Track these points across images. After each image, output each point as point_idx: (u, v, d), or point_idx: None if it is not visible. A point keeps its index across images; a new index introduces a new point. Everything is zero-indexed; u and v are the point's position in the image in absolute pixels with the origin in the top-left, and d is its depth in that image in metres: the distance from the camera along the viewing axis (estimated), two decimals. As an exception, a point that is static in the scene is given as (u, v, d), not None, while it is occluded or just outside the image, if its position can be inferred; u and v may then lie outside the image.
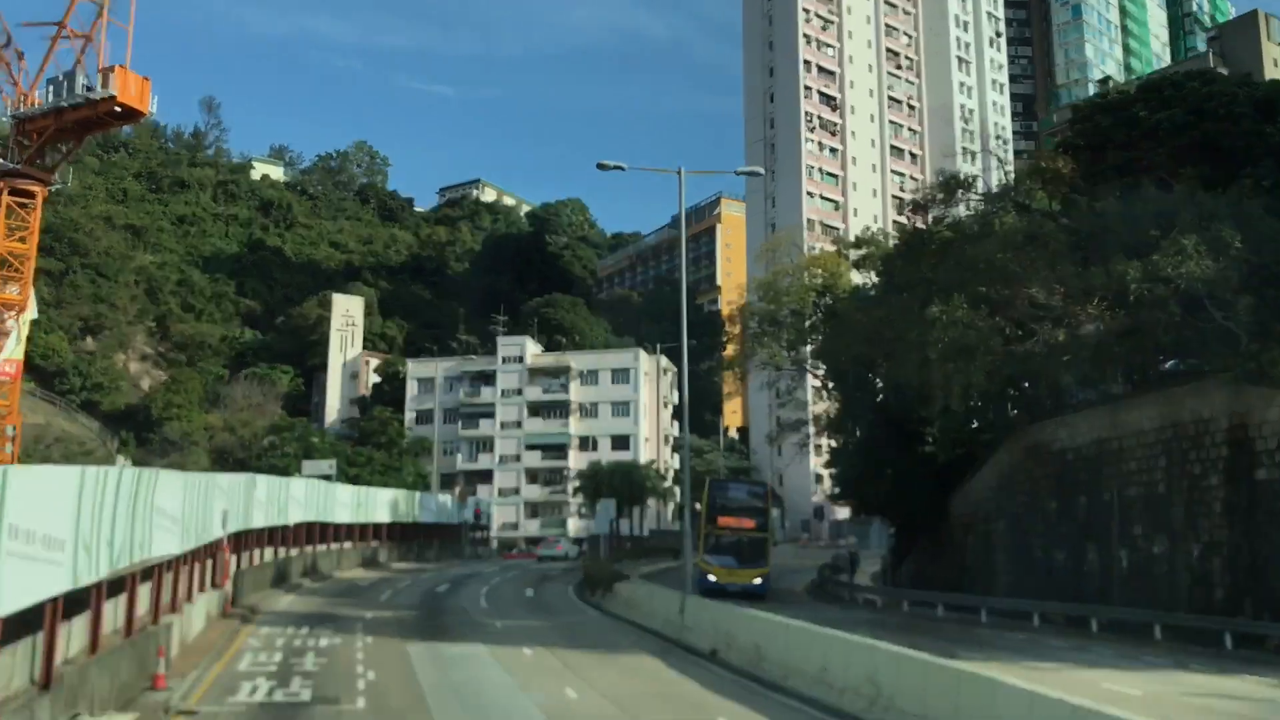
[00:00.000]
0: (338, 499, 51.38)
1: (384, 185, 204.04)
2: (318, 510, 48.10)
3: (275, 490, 40.73)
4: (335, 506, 50.84)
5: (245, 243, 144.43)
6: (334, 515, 50.76)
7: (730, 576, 41.14)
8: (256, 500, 37.37)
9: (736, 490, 49.59)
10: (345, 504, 52.57)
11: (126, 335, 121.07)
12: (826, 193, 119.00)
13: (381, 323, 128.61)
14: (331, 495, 50.30)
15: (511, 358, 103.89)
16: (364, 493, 55.92)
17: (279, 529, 42.08)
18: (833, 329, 44.15)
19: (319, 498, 48.31)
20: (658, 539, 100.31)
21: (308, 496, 46.56)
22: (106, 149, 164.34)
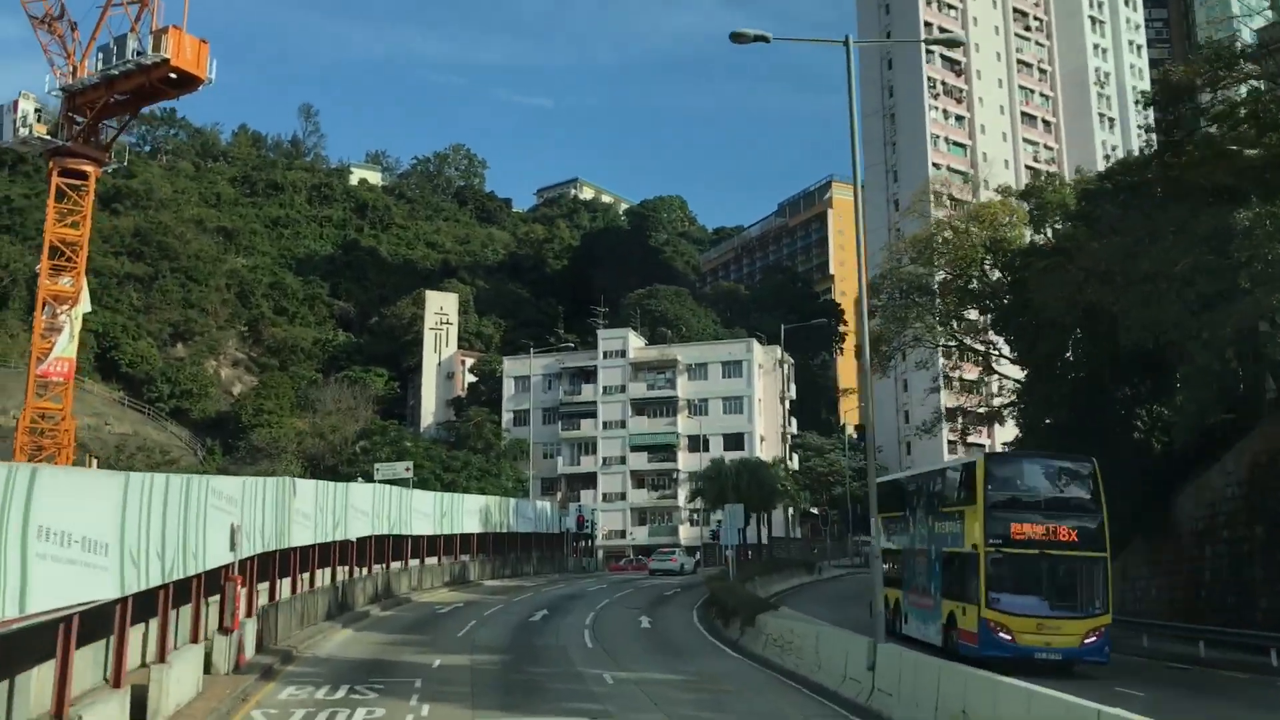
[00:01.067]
0: (416, 508, 43.09)
1: (481, 187, 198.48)
2: (390, 521, 39.82)
3: (329, 498, 32.42)
4: (413, 516, 42.57)
5: (339, 244, 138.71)
6: (411, 526, 42.49)
7: (1040, 634, 23.97)
8: (298, 513, 29.05)
9: (1039, 471, 26.68)
10: (425, 513, 44.29)
11: (217, 340, 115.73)
12: (954, 164, 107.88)
13: (478, 321, 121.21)
14: (407, 503, 42.02)
15: (613, 352, 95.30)
16: (448, 500, 47.59)
17: (337, 545, 33.81)
18: (1041, 276, 33.57)
19: (392, 507, 40.03)
20: (780, 548, 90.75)
21: (377, 505, 38.26)
22: (204, 156, 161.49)
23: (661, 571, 59.05)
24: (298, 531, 29.21)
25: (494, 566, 53.42)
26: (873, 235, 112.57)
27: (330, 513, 32.43)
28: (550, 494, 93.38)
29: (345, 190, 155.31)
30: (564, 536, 65.88)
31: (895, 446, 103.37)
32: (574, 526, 66.79)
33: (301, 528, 29.55)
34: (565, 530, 65.53)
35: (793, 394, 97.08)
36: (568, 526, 65.78)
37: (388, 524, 39.49)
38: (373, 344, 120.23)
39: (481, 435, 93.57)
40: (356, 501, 35.78)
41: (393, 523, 40.11)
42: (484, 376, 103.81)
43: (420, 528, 43.58)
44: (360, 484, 41.56)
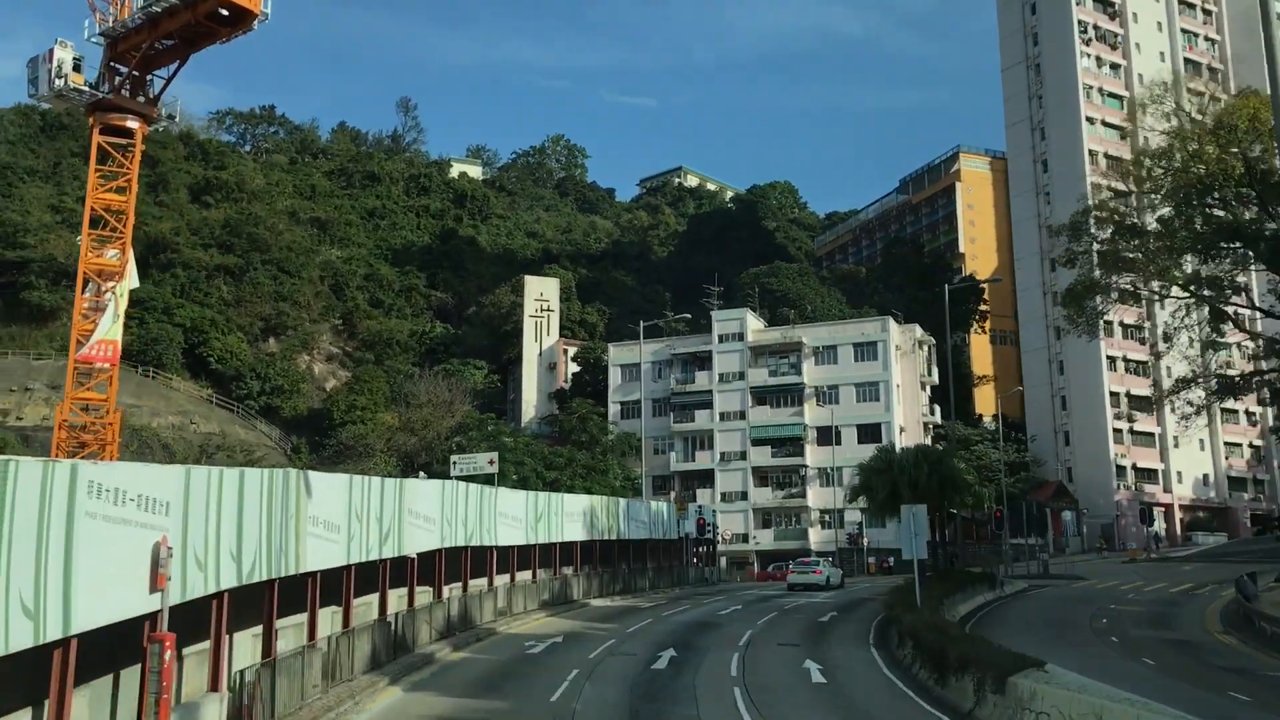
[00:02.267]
0: (503, 511, 33.35)
1: (582, 178, 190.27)
2: (468, 529, 30.18)
3: (372, 500, 22.86)
4: (498, 522, 32.86)
5: (436, 234, 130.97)
6: (496, 535, 32.80)
7: None
8: (317, 522, 19.53)
9: None
10: (515, 518, 34.53)
11: (310, 334, 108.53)
12: (1109, 117, 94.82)
13: (580, 308, 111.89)
14: (490, 506, 32.28)
15: (730, 335, 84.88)
16: (544, 501, 37.75)
17: (386, 565, 24.27)
18: None
19: (469, 510, 30.37)
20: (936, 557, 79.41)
21: (449, 509, 28.62)
22: (302, 152, 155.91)
23: (802, 586, 48.55)
24: (317, 549, 19.65)
25: (601, 581, 43.54)
26: (1017, 201, 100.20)
27: (372, 521, 22.84)
28: (662, 493, 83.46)
29: (443, 181, 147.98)
30: (683, 543, 55.84)
31: (1050, 437, 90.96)
32: (694, 531, 56.73)
33: (323, 544, 19.98)
34: (684, 536, 55.48)
35: (934, 378, 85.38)
36: (687, 531, 55.72)
37: (464, 533, 29.86)
38: (471, 335, 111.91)
39: (586, 429, 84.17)
40: (417, 504, 26.19)
41: (471, 531, 30.47)
42: (588, 366, 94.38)
43: (508, 537, 33.85)
44: (422, 481, 31.94)
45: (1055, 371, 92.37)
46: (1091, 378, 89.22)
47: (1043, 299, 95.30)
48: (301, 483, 19.34)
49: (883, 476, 40.38)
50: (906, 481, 38.35)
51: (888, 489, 39.45)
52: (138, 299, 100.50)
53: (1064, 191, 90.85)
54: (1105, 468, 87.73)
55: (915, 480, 38.30)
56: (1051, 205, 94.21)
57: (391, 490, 24.59)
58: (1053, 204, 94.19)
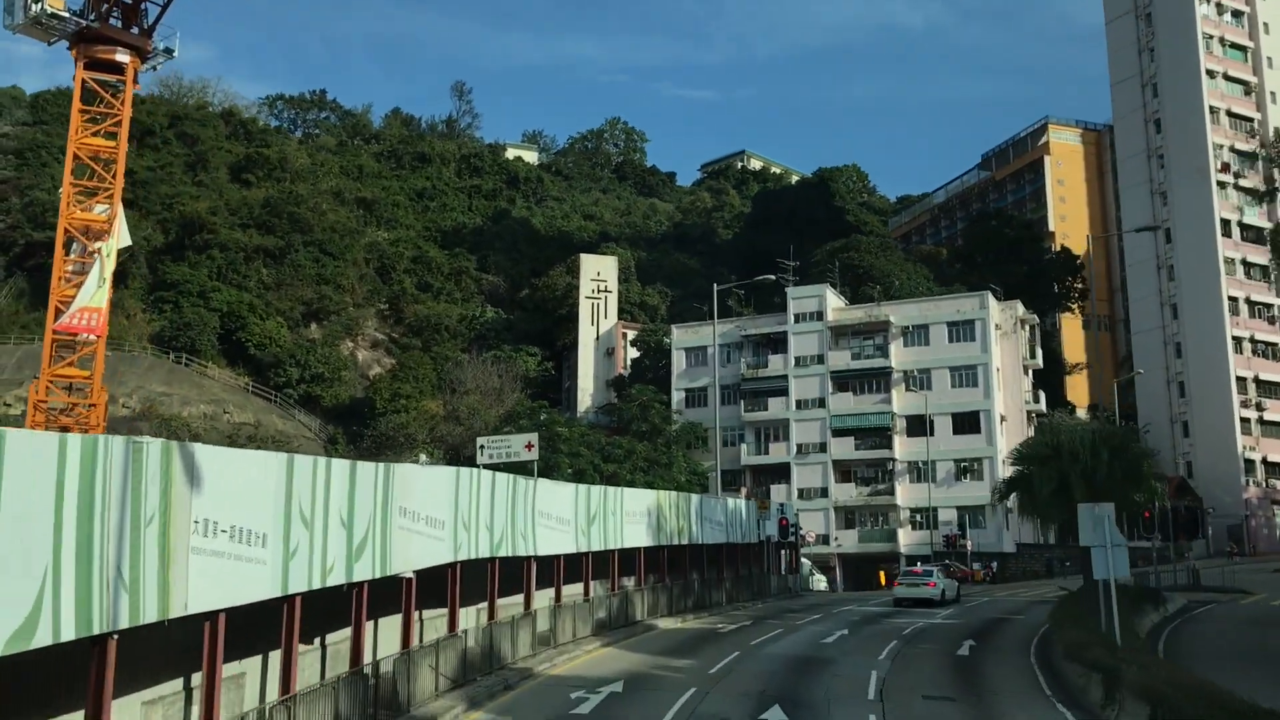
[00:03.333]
0: (544, 509, 25.27)
1: (641, 162, 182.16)
2: (495, 534, 22.09)
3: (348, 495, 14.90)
4: (536, 524, 24.77)
5: (488, 216, 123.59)
6: (535, 541, 24.72)
7: None
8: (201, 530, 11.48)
9: None
10: (559, 519, 26.38)
11: (354, 319, 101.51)
12: (1232, 70, 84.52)
13: (640, 290, 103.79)
14: (527, 502, 24.20)
15: (807, 314, 76.15)
16: (598, 497, 29.49)
17: (360, 589, 16.29)
18: None
19: (495, 509, 22.29)
20: (1033, 560, 70.09)
21: (466, 508, 20.56)
22: (354, 136, 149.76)
23: (912, 601, 39.86)
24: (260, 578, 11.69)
25: (670, 597, 35.25)
26: (1126, 165, 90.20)
27: (337, 527, 14.86)
28: (732, 489, 75.00)
29: (496, 163, 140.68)
30: (764, 547, 47.40)
31: (1165, 428, 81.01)
32: (776, 533, 48.24)
33: (292, 566, 12.00)
34: (766, 539, 47.03)
35: (1038, 361, 75.92)
36: (768, 534, 47.27)
37: (489, 539, 21.80)
38: (524, 320, 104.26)
39: (647, 418, 75.88)
40: (416, 502, 18.17)
41: (500, 536, 22.41)
42: (648, 350, 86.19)
43: (552, 543, 25.72)
44: (424, 467, 23.84)
45: (1171, 354, 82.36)
46: (1215, 361, 79.24)
47: (1156, 274, 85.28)
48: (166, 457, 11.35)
49: (1047, 466, 31.40)
50: (1080, 472, 29.43)
51: (1053, 482, 30.53)
52: (172, 282, 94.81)
53: (1181, 153, 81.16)
54: (1231, 462, 77.68)
55: (1091, 471, 29.34)
56: (1166, 169, 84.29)
57: (368, 480, 16.57)
58: (1168, 167, 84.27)
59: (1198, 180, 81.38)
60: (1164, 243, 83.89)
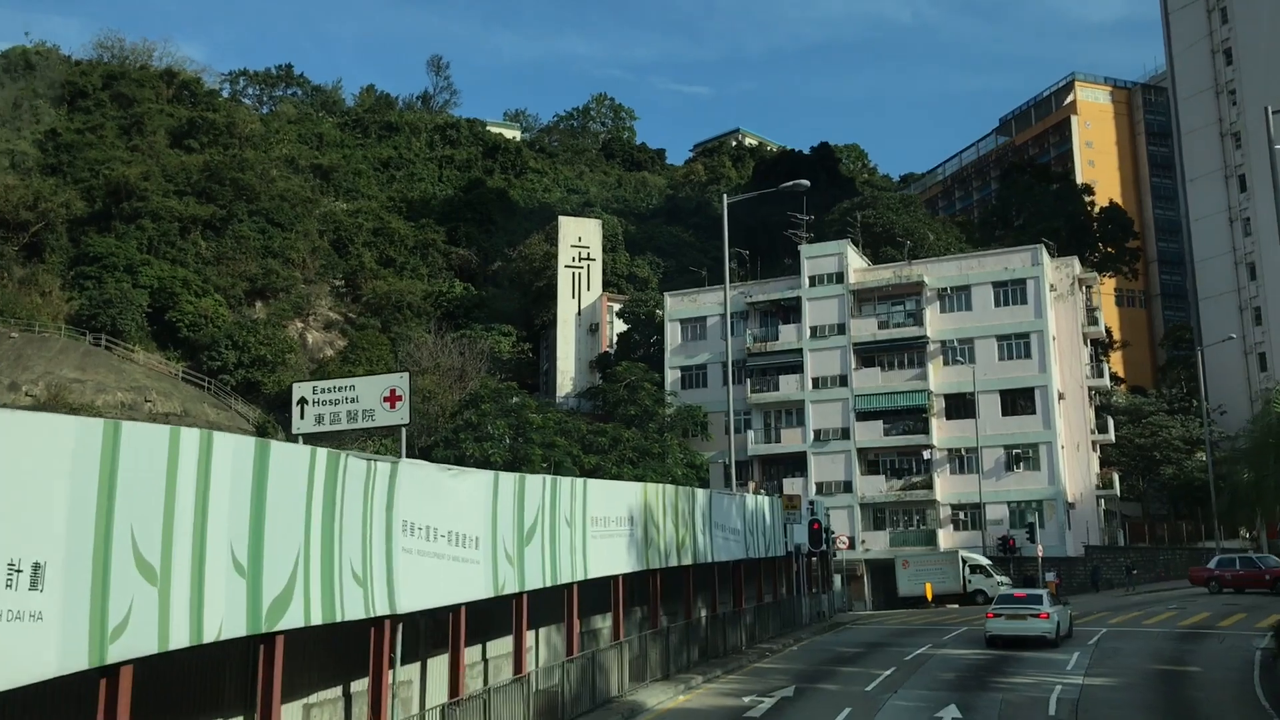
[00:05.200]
0: (416, 519, 12.75)
1: (630, 140, 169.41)
2: (328, 587, 9.27)
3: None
4: (394, 551, 12.12)
5: (461, 187, 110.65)
6: (394, 592, 12.00)
7: None
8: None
9: None
10: (449, 536, 13.78)
11: (305, 297, 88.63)
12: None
13: (628, 261, 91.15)
14: (374, 509, 11.67)
15: (824, 276, 63.57)
16: (535, 495, 16.74)
17: None
18: None
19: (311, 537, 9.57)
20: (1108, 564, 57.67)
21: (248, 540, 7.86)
22: (318, 108, 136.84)
23: (1015, 639, 27.27)
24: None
25: (664, 648, 22.49)
26: (1188, 105, 77.59)
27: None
28: (738, 483, 62.49)
29: (473, 134, 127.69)
30: (791, 561, 34.72)
31: (1244, 407, 68.41)
32: (808, 542, 35.52)
33: None
34: (794, 549, 34.28)
35: (1100, 328, 63.38)
36: (797, 543, 34.52)
37: (301, 598, 9.34)
38: (498, 297, 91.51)
39: (636, 400, 63.35)
40: None
41: (328, 589, 9.91)
42: (638, 324, 73.57)
43: (427, 584, 13.02)
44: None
45: (1249, 321, 69.86)
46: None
47: (1229, 228, 72.77)
48: None
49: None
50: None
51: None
52: (95, 255, 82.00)
53: (1259, 86, 68.74)
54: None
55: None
56: (1240, 105, 71.92)
57: None
58: (1241, 103, 71.91)
59: (1279, 116, 68.97)
60: (1238, 192, 71.55)
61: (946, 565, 52.14)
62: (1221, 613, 34.61)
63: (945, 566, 52.09)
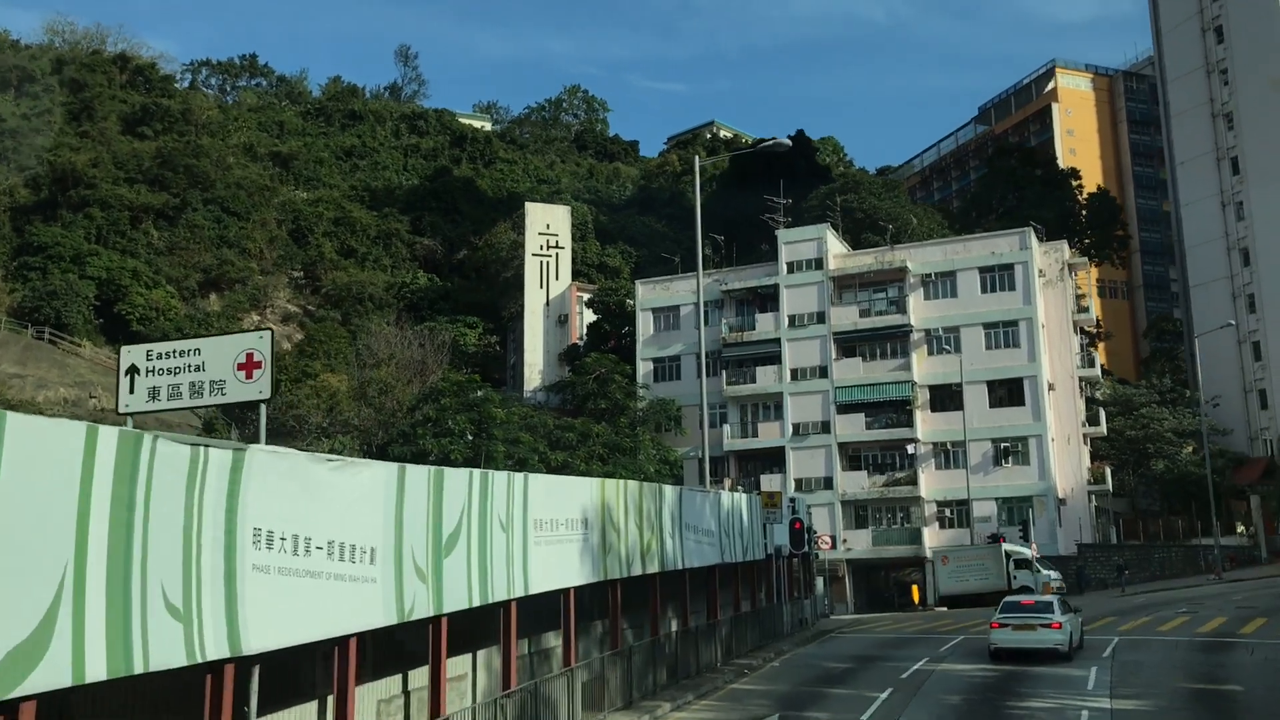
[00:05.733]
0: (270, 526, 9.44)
1: (603, 132, 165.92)
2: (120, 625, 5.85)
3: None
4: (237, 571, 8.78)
5: (427, 176, 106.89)
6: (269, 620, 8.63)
7: None
8: None
9: None
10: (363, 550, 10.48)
11: (261, 288, 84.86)
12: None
13: (599, 249, 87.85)
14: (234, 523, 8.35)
15: (803, 262, 60.47)
16: (459, 493, 13.46)
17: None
18: None
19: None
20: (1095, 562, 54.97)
21: None
22: (283, 98, 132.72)
23: (1023, 653, 24.12)
24: None
25: (625, 670, 19.21)
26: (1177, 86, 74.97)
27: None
28: (713, 480, 59.35)
29: (441, 123, 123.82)
30: (771, 564, 31.45)
31: (1238, 398, 66.01)
32: (789, 543, 32.32)
33: None
34: (774, 551, 31.04)
35: (1091, 314, 60.59)
36: (778, 544, 31.29)
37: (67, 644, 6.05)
38: (464, 289, 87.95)
39: (607, 394, 60.05)
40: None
41: (119, 629, 6.59)
42: (608, 314, 70.23)
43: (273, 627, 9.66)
44: None
45: (1242, 309, 67.19)
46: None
47: (1220, 213, 70.03)
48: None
49: None
50: None
51: None
52: (40, 245, 77.96)
53: (1251, 64, 66.36)
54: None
55: None
56: (1232, 84, 69.29)
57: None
58: (1233, 82, 69.27)
59: (1273, 95, 66.40)
60: (1230, 175, 68.87)
61: (989, 560, 47.70)
62: (1238, 617, 31.67)
63: (987, 561, 47.66)
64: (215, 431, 61.00)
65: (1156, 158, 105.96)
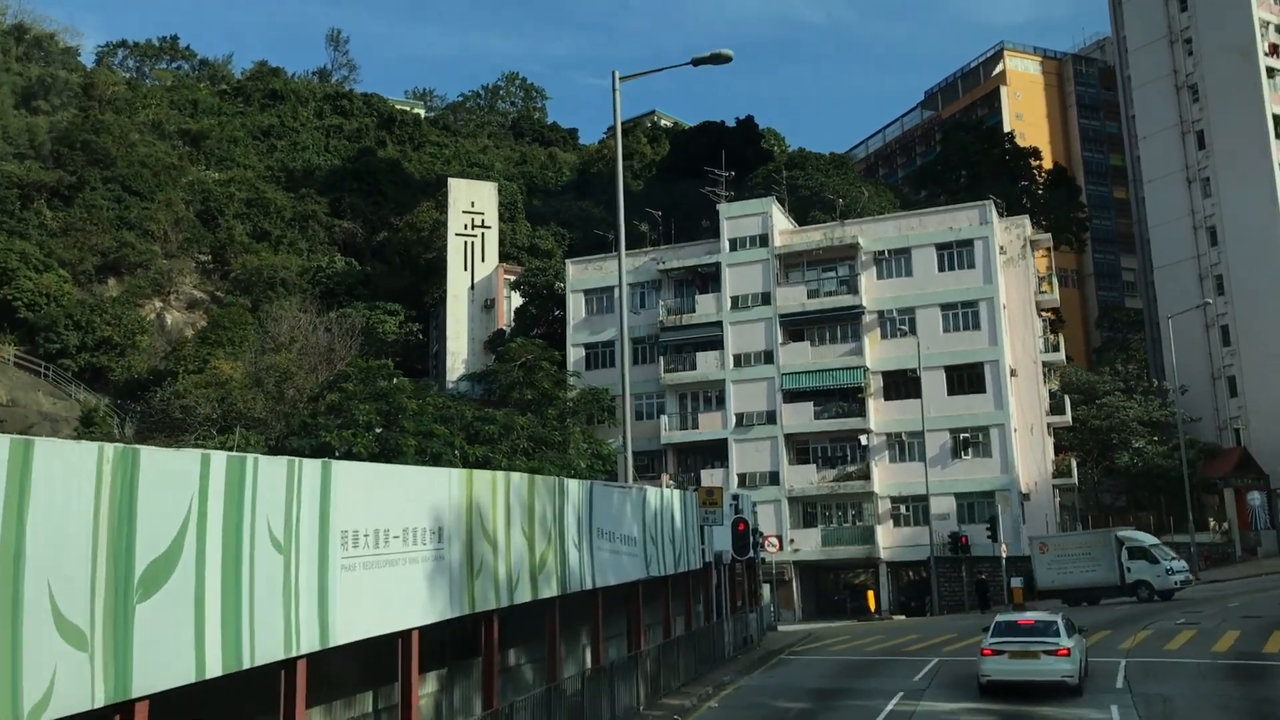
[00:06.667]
0: None
1: (542, 120, 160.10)
2: None
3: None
4: None
5: (350, 156, 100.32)
6: None
7: None
8: None
9: None
10: None
11: (165, 273, 78.09)
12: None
13: (530, 231, 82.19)
14: None
15: (746, 239, 55.40)
16: (182, 496, 8.02)
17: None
18: None
19: None
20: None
21: None
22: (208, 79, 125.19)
23: (1020, 684, 19.13)
24: None
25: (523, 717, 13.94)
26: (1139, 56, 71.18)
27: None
28: (649, 476, 54.15)
29: (368, 105, 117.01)
30: (709, 573, 26.01)
31: (1206, 386, 62.19)
32: (731, 548, 26.93)
33: None
34: (713, 558, 25.61)
35: (1055, 295, 56.21)
36: (718, 550, 25.91)
37: None
38: (385, 274, 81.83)
39: (533, 383, 54.48)
40: None
41: None
42: (537, 297, 64.66)
43: None
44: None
45: (1210, 291, 63.25)
46: (1273, 297, 60.41)
47: (1186, 189, 66.07)
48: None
49: None
50: None
51: None
52: (-85, 226, 70.95)
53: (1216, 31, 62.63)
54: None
55: None
56: (1196, 55, 65.49)
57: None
58: (1198, 53, 65.46)
59: (1240, 65, 62.65)
60: (1196, 149, 64.99)
61: (1098, 548, 41.95)
62: (1254, 631, 27.04)
63: (1096, 550, 41.94)
64: (94, 424, 54.46)
65: (1107, 143, 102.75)
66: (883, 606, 47.76)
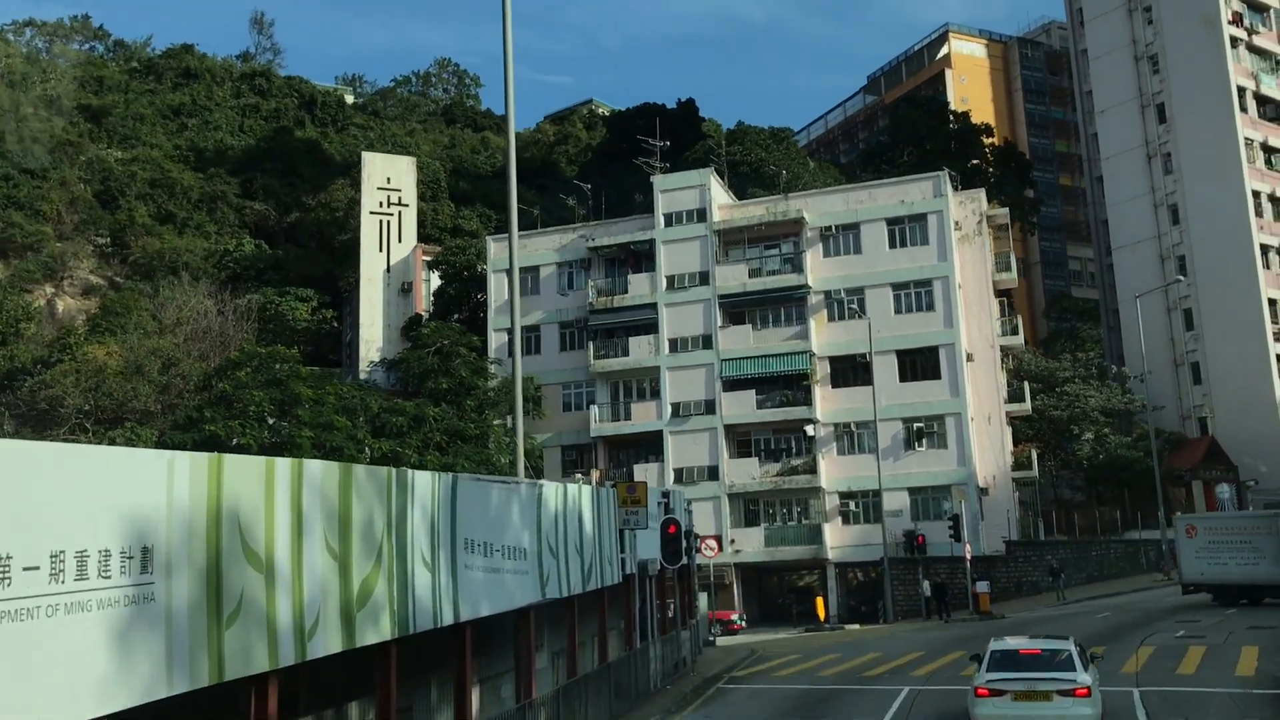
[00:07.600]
0: None
1: (475, 107, 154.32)
2: None
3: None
4: None
5: (265, 136, 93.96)
6: None
7: None
8: None
9: None
10: None
11: (57, 256, 71.53)
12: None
13: (453, 210, 76.85)
14: None
15: (683, 213, 50.75)
16: None
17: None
18: None
19: None
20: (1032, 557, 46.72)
21: None
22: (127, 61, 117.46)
23: None
24: None
25: None
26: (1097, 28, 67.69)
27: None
28: (579, 470, 49.54)
29: (290, 86, 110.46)
30: (630, 588, 21.25)
31: (1168, 372, 58.77)
32: (660, 555, 22.20)
33: None
34: (636, 568, 20.92)
35: (1013, 275, 52.15)
36: (644, 559, 21.18)
37: None
38: (299, 259, 75.92)
39: (450, 371, 49.29)
40: None
41: None
42: (456, 277, 59.41)
43: None
44: None
45: (1171, 272, 59.76)
46: (1236, 279, 57.11)
47: (1146, 165, 62.59)
48: None
49: None
50: None
51: None
52: None
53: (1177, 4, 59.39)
54: (1268, 415, 55.71)
55: None
56: (1156, 25, 62.12)
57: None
58: (1158, 22, 62.10)
59: (1203, 35, 59.34)
60: (1156, 124, 61.60)
61: (1260, 534, 32.67)
62: (1273, 648, 22.92)
63: (1258, 537, 32.66)
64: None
65: (1053, 129, 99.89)
66: (832, 614, 43.36)
